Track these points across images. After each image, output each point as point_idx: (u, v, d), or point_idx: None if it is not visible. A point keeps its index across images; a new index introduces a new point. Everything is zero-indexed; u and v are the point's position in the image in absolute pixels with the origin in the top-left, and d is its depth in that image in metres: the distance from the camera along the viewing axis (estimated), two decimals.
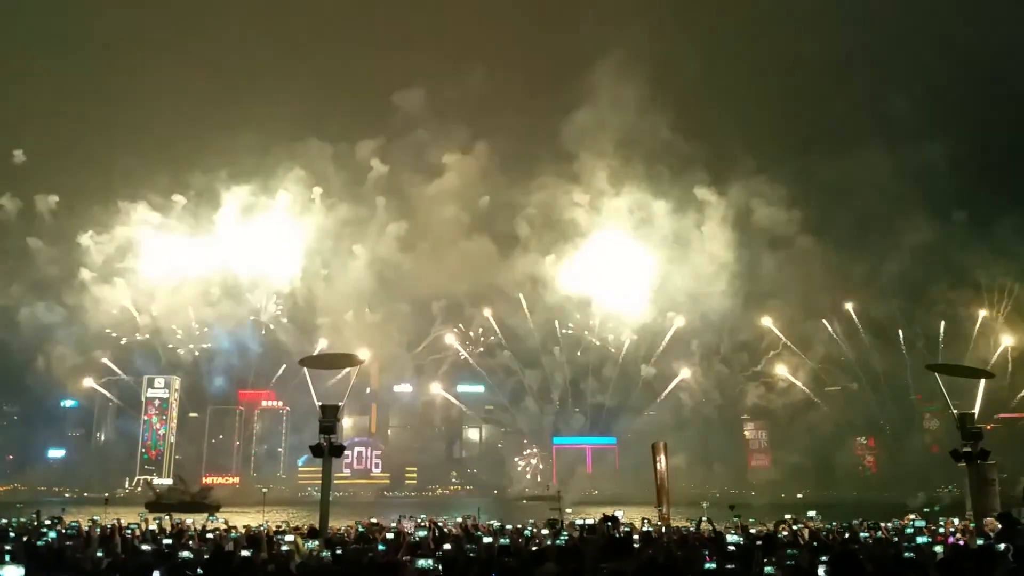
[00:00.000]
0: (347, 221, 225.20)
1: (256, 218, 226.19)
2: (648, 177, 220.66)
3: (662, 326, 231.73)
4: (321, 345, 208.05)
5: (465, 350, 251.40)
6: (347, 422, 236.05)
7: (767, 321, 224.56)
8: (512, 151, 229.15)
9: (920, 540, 26.73)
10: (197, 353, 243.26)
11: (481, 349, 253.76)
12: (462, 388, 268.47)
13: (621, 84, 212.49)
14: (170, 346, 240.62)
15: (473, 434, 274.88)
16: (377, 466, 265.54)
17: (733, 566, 21.60)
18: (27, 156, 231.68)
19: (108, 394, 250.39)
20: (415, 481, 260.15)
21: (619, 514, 33.48)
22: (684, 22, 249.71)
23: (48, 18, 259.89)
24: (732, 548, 25.94)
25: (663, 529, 37.52)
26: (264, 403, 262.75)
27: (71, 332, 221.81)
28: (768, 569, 20.31)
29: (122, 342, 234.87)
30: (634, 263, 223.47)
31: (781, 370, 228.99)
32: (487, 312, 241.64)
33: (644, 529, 35.99)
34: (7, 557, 23.12)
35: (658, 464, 54.89)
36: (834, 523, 39.27)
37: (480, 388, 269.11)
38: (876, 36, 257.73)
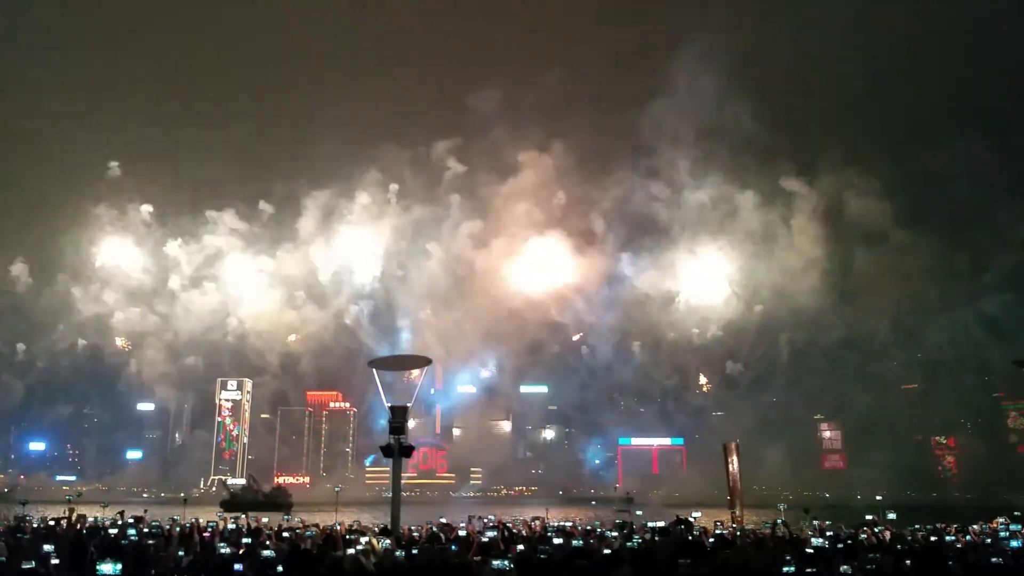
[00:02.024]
0: (422, 221, 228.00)
1: (336, 222, 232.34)
2: (731, 169, 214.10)
3: (748, 322, 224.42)
4: (399, 343, 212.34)
5: (533, 349, 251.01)
6: (412, 423, 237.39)
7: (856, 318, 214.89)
8: (588, 147, 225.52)
9: (1015, 544, 25.50)
10: (277, 357, 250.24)
11: (556, 348, 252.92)
12: (526, 389, 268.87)
13: (701, 74, 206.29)
14: (252, 350, 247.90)
15: (537, 435, 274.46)
16: (442, 466, 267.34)
17: (813, 570, 20.95)
18: (122, 168, 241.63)
19: (183, 397, 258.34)
20: (480, 481, 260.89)
21: (698, 514, 32.82)
22: (764, 10, 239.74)
23: (138, 38, 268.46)
24: (811, 551, 25.22)
25: (737, 532, 36.64)
26: (332, 404, 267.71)
27: (160, 337, 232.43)
28: (847, 570, 19.72)
29: (206, 346, 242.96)
30: (718, 258, 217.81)
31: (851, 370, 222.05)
32: (557, 309, 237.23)
33: (717, 531, 35.22)
34: (92, 553, 23.93)
35: (730, 465, 53.78)
36: (916, 526, 37.71)
37: (544, 388, 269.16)
38: (970, 19, 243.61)
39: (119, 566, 10.68)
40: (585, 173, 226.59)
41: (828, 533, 31.27)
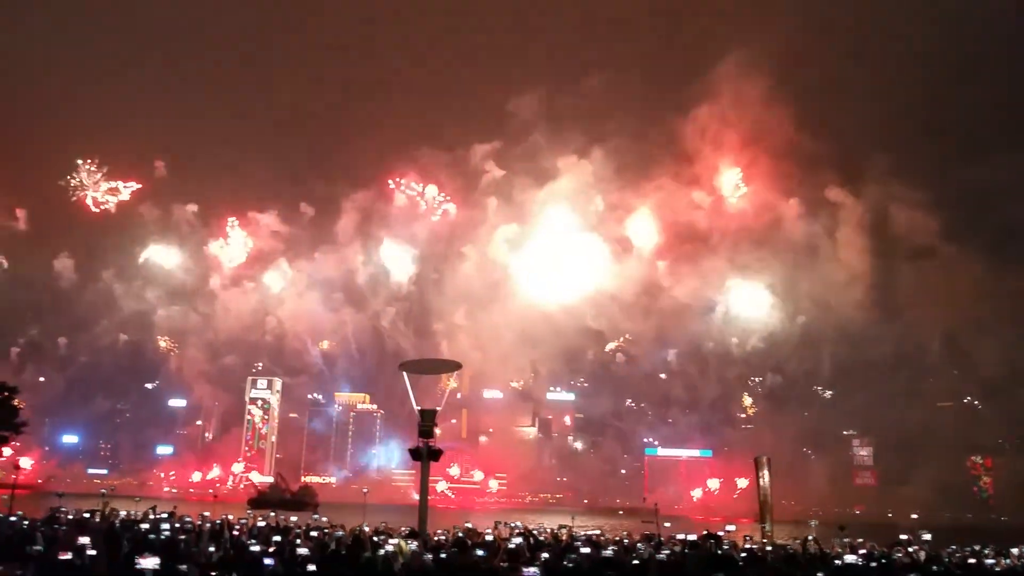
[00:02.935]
0: (458, 224, 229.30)
1: (374, 225, 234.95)
2: (775, 177, 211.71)
3: (790, 334, 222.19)
4: (432, 347, 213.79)
5: (564, 355, 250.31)
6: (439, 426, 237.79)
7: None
8: (628, 153, 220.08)
9: None
10: (309, 357, 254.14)
11: (588, 355, 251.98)
12: (552, 396, 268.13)
13: (744, 81, 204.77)
14: (288, 350, 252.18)
15: (564, 442, 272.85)
16: (467, 471, 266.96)
17: None
18: (168, 168, 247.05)
19: (216, 394, 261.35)
20: (505, 487, 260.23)
21: (732, 527, 32.47)
22: (809, 16, 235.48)
23: (179, 38, 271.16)
24: (843, 568, 24.89)
25: (767, 547, 36.20)
26: (360, 406, 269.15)
27: (200, 336, 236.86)
28: None
29: (242, 346, 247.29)
30: (759, 268, 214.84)
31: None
32: (592, 316, 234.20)
33: (747, 546, 34.84)
34: (125, 546, 24.21)
35: (760, 479, 53.04)
36: (953, 547, 36.95)
37: (571, 396, 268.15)
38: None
39: (157, 560, 10.82)
40: (624, 179, 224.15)
41: (861, 551, 30.74)
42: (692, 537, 34.17)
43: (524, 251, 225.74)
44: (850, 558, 26.63)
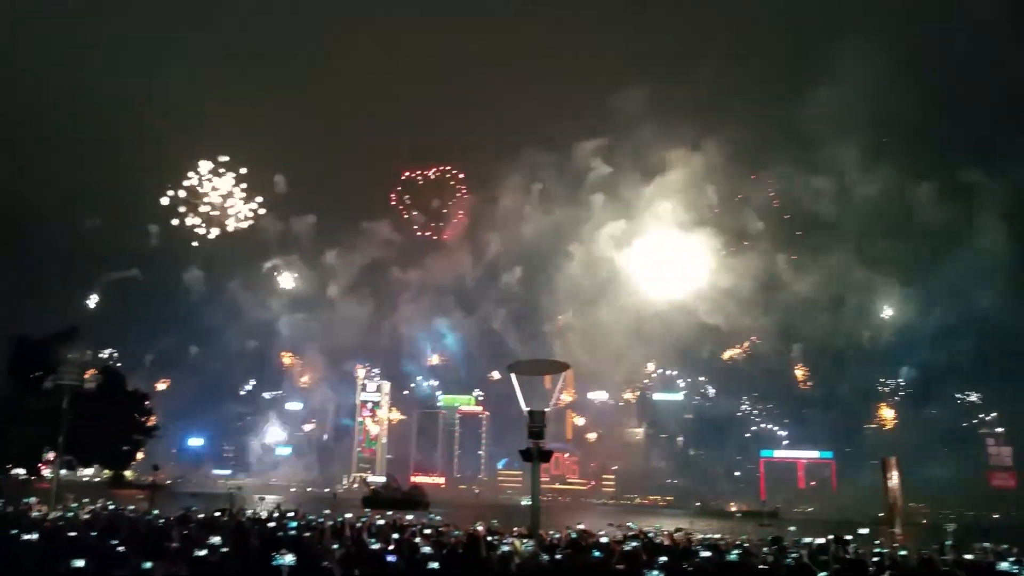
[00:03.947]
0: (563, 223, 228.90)
1: (481, 227, 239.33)
2: (904, 160, 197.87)
3: (924, 328, 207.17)
4: (539, 348, 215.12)
5: (673, 354, 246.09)
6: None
7: None
8: (743, 142, 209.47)
9: None
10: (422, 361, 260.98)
11: (702, 353, 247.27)
12: (659, 396, 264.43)
13: (867, 58, 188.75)
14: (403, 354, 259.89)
15: (673, 443, 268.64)
16: (574, 472, 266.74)
17: None
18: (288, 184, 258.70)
19: (330, 397, 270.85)
20: (612, 488, 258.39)
21: (864, 531, 31.01)
22: None
23: (295, 54, 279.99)
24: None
25: (900, 552, 34.40)
26: (465, 407, 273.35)
27: (319, 342, 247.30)
28: None
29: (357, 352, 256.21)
30: (889, 258, 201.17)
31: None
32: (705, 312, 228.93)
33: (876, 551, 33.25)
34: (254, 544, 25.06)
35: (888, 481, 50.54)
36: None
37: (678, 396, 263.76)
38: None
39: (294, 557, 11.16)
40: (739, 169, 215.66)
41: (1010, 558, 28.72)
42: (820, 541, 32.84)
43: (632, 248, 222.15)
44: (1003, 565, 24.80)
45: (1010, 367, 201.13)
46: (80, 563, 17.95)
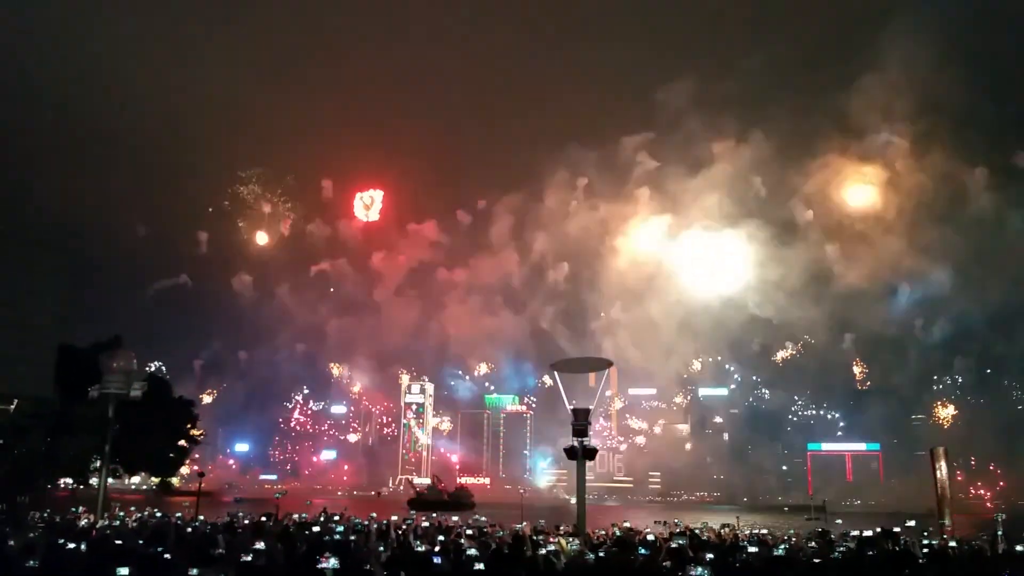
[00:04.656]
0: (609, 218, 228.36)
1: (527, 226, 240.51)
2: (954, 146, 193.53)
3: (980, 317, 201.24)
4: (587, 345, 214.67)
5: (720, 349, 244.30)
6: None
7: None
8: (789, 132, 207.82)
9: None
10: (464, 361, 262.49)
11: (757, 348, 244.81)
12: (705, 391, 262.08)
13: (914, 45, 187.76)
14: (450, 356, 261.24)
15: (719, 439, 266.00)
16: (619, 470, 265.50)
17: None
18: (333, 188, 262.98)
19: (375, 400, 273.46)
20: (659, 486, 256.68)
21: (911, 523, 30.42)
22: None
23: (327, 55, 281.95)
24: None
25: (949, 543, 33.74)
26: (509, 407, 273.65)
27: (366, 345, 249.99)
28: None
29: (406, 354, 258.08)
30: (942, 245, 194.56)
31: None
32: (755, 304, 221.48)
33: (926, 542, 32.61)
34: (300, 547, 25.42)
35: (938, 472, 49.49)
36: None
37: (724, 391, 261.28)
38: None
39: (337, 561, 11.37)
40: (786, 159, 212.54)
41: None
42: (867, 534, 32.32)
43: (679, 242, 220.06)
44: None
45: None
46: (125, 571, 18.20)
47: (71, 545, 24.05)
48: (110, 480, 69.71)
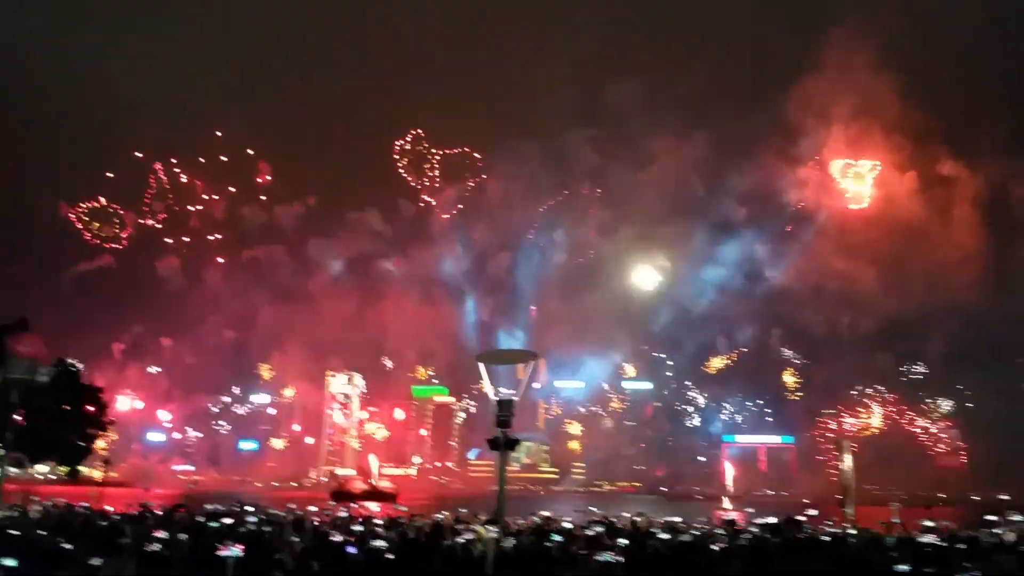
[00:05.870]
0: (550, 212, 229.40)
1: (467, 216, 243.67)
2: (887, 151, 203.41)
3: (905, 316, 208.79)
4: (519, 337, 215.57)
5: (645, 343, 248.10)
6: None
7: None
8: (729, 133, 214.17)
9: None
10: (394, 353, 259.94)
11: (687, 344, 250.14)
12: (628, 384, 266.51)
13: (850, 52, 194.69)
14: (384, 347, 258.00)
15: (639, 431, 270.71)
16: (544, 461, 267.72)
17: (931, 570, 20.27)
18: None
19: (302, 391, 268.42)
20: (583, 476, 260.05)
21: (814, 511, 31.88)
22: None
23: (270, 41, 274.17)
24: (928, 550, 24.32)
25: (850, 531, 35.49)
26: (437, 398, 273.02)
27: (296, 335, 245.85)
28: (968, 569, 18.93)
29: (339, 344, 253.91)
30: (867, 247, 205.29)
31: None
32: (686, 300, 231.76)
33: (829, 530, 34.28)
34: (211, 538, 25.09)
35: (842, 463, 51.82)
36: None
37: (649, 385, 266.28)
38: None
39: (238, 549, 11.25)
40: (725, 160, 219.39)
41: (940, 532, 29.94)
42: (772, 521, 33.74)
43: (617, 237, 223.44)
44: (928, 538, 25.97)
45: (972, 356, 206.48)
46: (11, 562, 17.17)
47: None
48: (15, 470, 67.00)
